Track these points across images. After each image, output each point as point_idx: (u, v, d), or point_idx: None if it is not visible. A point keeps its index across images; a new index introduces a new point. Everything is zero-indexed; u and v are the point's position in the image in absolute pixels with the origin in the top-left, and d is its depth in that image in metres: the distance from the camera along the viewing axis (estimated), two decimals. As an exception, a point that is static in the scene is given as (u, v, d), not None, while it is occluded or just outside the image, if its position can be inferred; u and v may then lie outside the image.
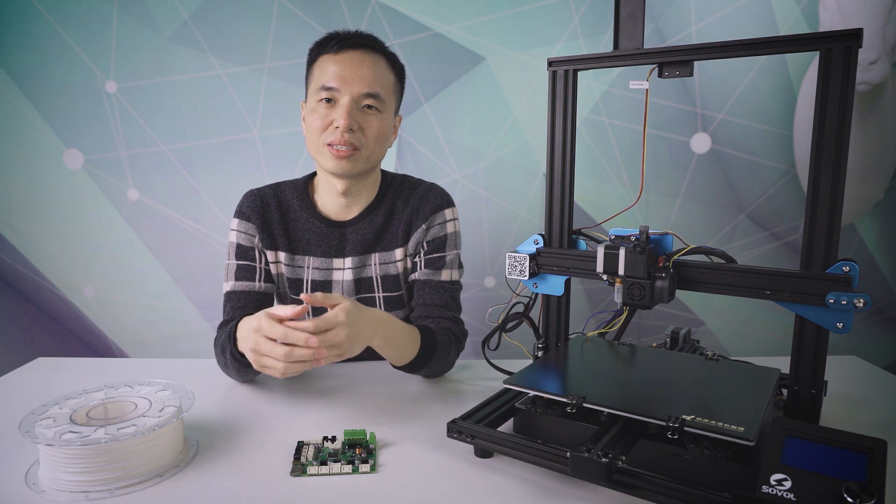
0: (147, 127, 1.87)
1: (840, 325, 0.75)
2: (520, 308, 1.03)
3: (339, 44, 1.11)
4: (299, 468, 0.79)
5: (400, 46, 1.82)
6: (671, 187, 1.91)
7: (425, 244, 1.20)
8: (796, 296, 0.77)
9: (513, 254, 0.96)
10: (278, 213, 1.20)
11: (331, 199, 1.21)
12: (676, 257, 0.85)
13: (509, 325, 1.04)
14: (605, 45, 1.85)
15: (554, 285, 0.97)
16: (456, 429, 0.83)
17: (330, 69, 1.11)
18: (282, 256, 1.20)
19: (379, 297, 1.22)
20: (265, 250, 1.19)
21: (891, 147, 1.91)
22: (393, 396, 1.05)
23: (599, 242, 0.88)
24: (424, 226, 1.20)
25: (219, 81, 1.85)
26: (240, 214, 1.21)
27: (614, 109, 1.88)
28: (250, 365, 0.94)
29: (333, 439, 0.86)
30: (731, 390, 0.83)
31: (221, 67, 1.84)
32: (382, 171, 1.26)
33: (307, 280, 1.20)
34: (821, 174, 0.75)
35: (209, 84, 1.85)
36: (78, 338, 1.97)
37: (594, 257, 0.87)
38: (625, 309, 0.97)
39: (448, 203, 1.23)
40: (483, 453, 0.83)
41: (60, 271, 1.93)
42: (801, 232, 0.77)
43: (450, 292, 1.19)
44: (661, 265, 0.84)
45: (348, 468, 0.79)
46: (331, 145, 1.11)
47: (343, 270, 1.20)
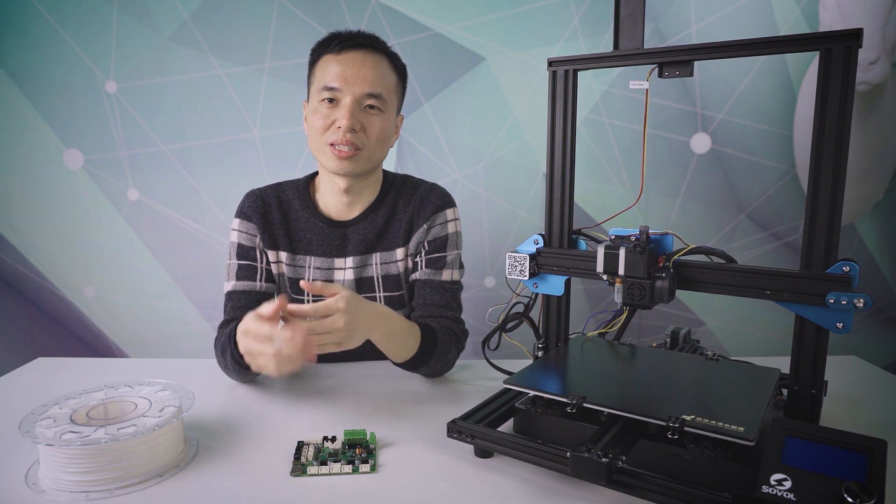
0: (147, 127, 1.87)
1: (840, 325, 0.75)
2: (520, 308, 1.03)
3: (342, 44, 1.11)
4: (299, 468, 0.79)
5: (400, 46, 1.82)
6: (671, 187, 1.91)
7: (426, 244, 1.20)
8: (796, 296, 0.77)
9: (513, 254, 0.96)
10: (279, 213, 1.20)
11: (332, 199, 1.21)
12: (676, 257, 0.85)
13: (509, 325, 1.04)
14: (605, 45, 1.85)
15: (554, 285, 0.97)
16: (456, 429, 0.83)
17: (332, 69, 1.11)
18: (283, 256, 1.20)
19: (380, 297, 1.22)
20: (266, 250, 1.19)
21: (891, 147, 1.91)
22: (393, 396, 1.05)
23: (599, 242, 0.88)
24: (426, 226, 1.20)
25: (219, 81, 1.85)
26: (241, 214, 1.21)
27: (614, 109, 1.88)
28: (249, 367, 0.94)
29: (333, 439, 0.86)
30: (731, 390, 0.83)
31: (221, 67, 1.84)
32: (384, 171, 1.26)
33: (308, 280, 1.20)
34: (821, 174, 0.75)
35: (209, 84, 1.85)
36: (78, 338, 1.97)
37: (594, 257, 0.87)
38: (625, 309, 0.97)
39: (449, 203, 1.23)
40: (483, 453, 0.83)
41: (60, 271, 1.93)
42: (801, 232, 0.77)
43: (451, 292, 1.19)
44: (661, 265, 0.84)
45: (348, 468, 0.79)
46: (333, 145, 1.11)
47: (344, 270, 1.20)
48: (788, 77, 1.85)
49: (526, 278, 0.96)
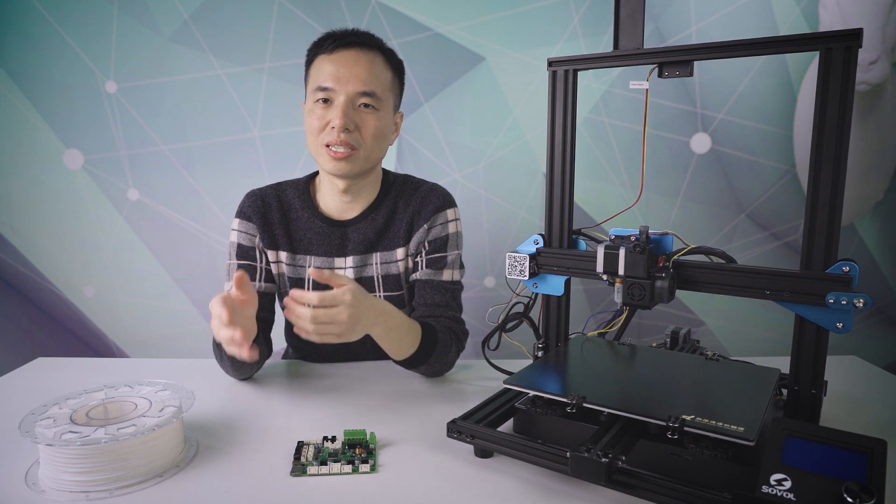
0: (147, 127, 1.87)
1: (840, 325, 0.75)
2: (520, 308, 1.03)
3: (335, 43, 1.11)
4: (299, 468, 0.79)
5: (400, 46, 1.81)
6: (671, 187, 1.91)
7: (427, 244, 1.20)
8: (796, 296, 0.77)
9: (513, 254, 0.96)
10: (279, 213, 1.20)
11: (332, 199, 1.21)
12: (676, 257, 0.85)
13: (509, 325, 1.04)
14: (605, 45, 1.85)
15: (554, 285, 0.97)
16: (456, 429, 0.83)
17: (325, 69, 1.11)
18: (283, 256, 1.20)
19: (380, 297, 1.22)
20: (266, 250, 1.19)
21: (891, 147, 1.91)
22: (393, 396, 1.05)
23: (599, 242, 0.88)
24: (426, 226, 1.20)
25: (219, 81, 1.85)
26: (241, 214, 1.21)
27: (614, 109, 1.88)
28: (244, 361, 0.95)
29: (333, 439, 0.86)
30: (731, 390, 0.83)
31: (221, 67, 1.84)
32: (384, 171, 1.26)
33: (308, 280, 1.20)
34: (821, 174, 0.75)
35: (209, 84, 1.85)
36: (78, 338, 1.97)
37: (594, 257, 0.87)
38: (625, 309, 0.97)
39: (450, 203, 1.23)
40: (483, 453, 0.83)
41: (60, 271, 1.93)
42: (801, 232, 0.77)
43: (451, 292, 1.19)
44: (661, 265, 0.84)
45: (348, 468, 0.79)
46: (328, 146, 1.11)
47: (344, 270, 1.20)
48: (788, 77, 1.85)
49: (526, 278, 0.96)
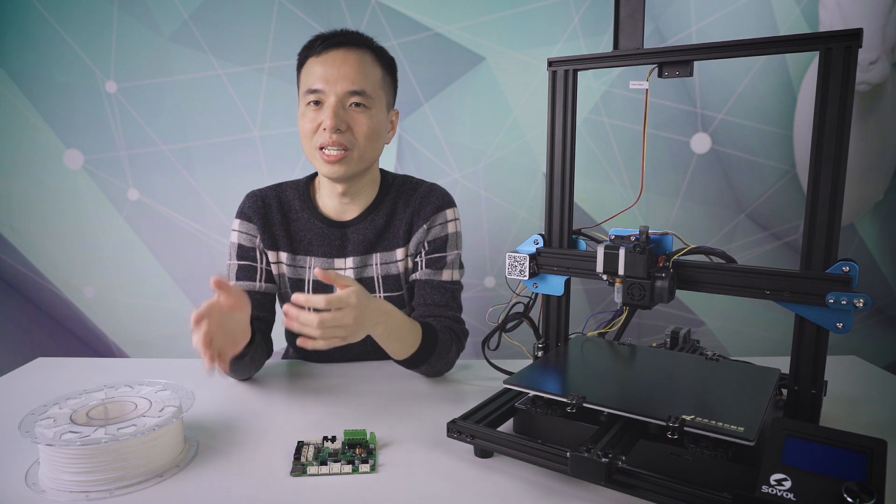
0: (147, 127, 1.87)
1: (840, 325, 0.75)
2: (520, 308, 1.03)
3: (323, 44, 1.11)
4: (299, 468, 0.79)
5: (400, 46, 1.82)
6: (671, 187, 1.91)
7: (426, 244, 1.20)
8: (796, 296, 0.77)
9: (513, 254, 0.96)
10: (280, 214, 1.20)
11: (331, 200, 1.21)
12: (676, 257, 0.85)
13: (509, 325, 1.04)
14: (605, 45, 1.85)
15: (554, 285, 0.97)
16: (456, 429, 0.83)
17: (315, 71, 1.10)
18: (283, 257, 1.20)
19: (380, 298, 1.22)
20: (266, 251, 1.19)
21: (891, 147, 1.91)
22: (393, 396, 1.05)
23: (599, 242, 0.88)
24: (426, 226, 1.20)
25: (219, 81, 1.85)
26: (241, 215, 1.21)
27: (614, 109, 1.88)
28: (242, 361, 0.95)
29: (333, 439, 0.86)
30: (731, 390, 0.83)
31: (221, 67, 1.84)
32: (383, 172, 1.26)
33: (308, 280, 1.20)
34: (821, 174, 0.75)
35: (209, 84, 1.85)
36: (78, 338, 1.97)
37: (594, 257, 0.87)
38: (625, 309, 0.97)
39: (449, 203, 1.23)
40: (483, 453, 0.83)
41: (60, 271, 1.93)
42: (801, 232, 0.77)
43: (451, 292, 1.19)
44: (661, 265, 0.84)
45: (348, 468, 0.79)
46: (322, 149, 1.11)
47: (344, 271, 1.20)
48: (788, 77, 1.85)
49: (526, 278, 0.96)
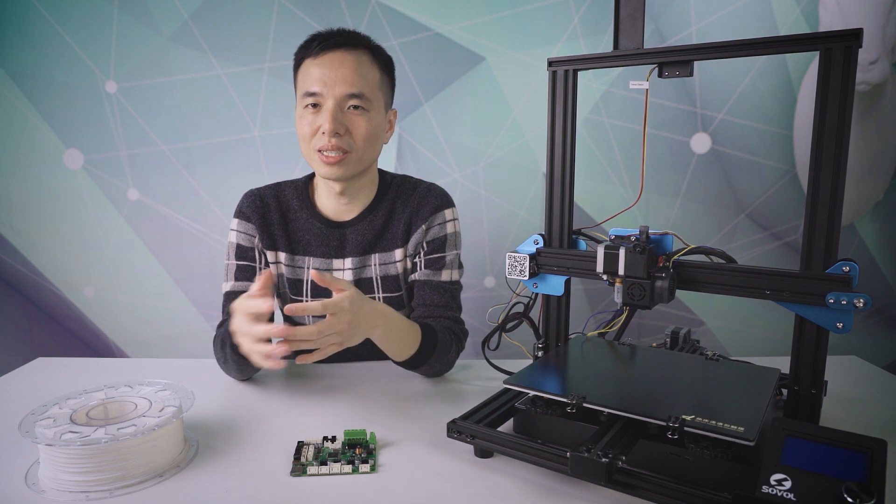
0: (147, 127, 1.87)
1: (840, 325, 0.75)
2: (520, 308, 1.03)
3: (320, 45, 1.10)
4: (299, 468, 0.79)
5: (400, 46, 1.82)
6: (671, 187, 1.91)
7: (425, 244, 1.20)
8: (796, 296, 0.77)
9: (513, 254, 0.96)
10: (278, 214, 1.20)
11: (330, 201, 1.21)
12: (676, 257, 0.85)
13: (509, 325, 1.04)
14: (605, 45, 1.85)
15: (554, 285, 0.97)
16: (456, 429, 0.83)
17: (312, 73, 1.10)
18: (282, 257, 1.20)
19: (379, 298, 1.22)
20: (265, 250, 1.19)
21: (891, 147, 1.91)
22: (393, 396, 1.05)
23: (599, 242, 0.88)
24: (424, 226, 1.20)
25: (219, 81, 1.85)
26: (240, 214, 1.21)
27: (614, 109, 1.88)
28: (247, 358, 0.94)
29: (333, 439, 0.86)
30: (731, 390, 0.83)
31: (221, 67, 1.84)
32: (382, 172, 1.26)
33: (307, 280, 1.20)
34: (821, 174, 0.75)
35: (209, 84, 1.85)
36: (78, 338, 1.97)
37: (594, 257, 0.87)
38: (625, 309, 0.97)
39: (448, 203, 1.23)
40: (483, 453, 0.83)
41: (60, 271, 1.93)
42: (801, 232, 0.77)
43: (450, 292, 1.19)
44: (661, 265, 0.84)
45: (348, 468, 0.79)
46: (321, 151, 1.10)
47: (343, 271, 1.20)
48: (788, 77, 1.85)
49: (526, 278, 0.96)
